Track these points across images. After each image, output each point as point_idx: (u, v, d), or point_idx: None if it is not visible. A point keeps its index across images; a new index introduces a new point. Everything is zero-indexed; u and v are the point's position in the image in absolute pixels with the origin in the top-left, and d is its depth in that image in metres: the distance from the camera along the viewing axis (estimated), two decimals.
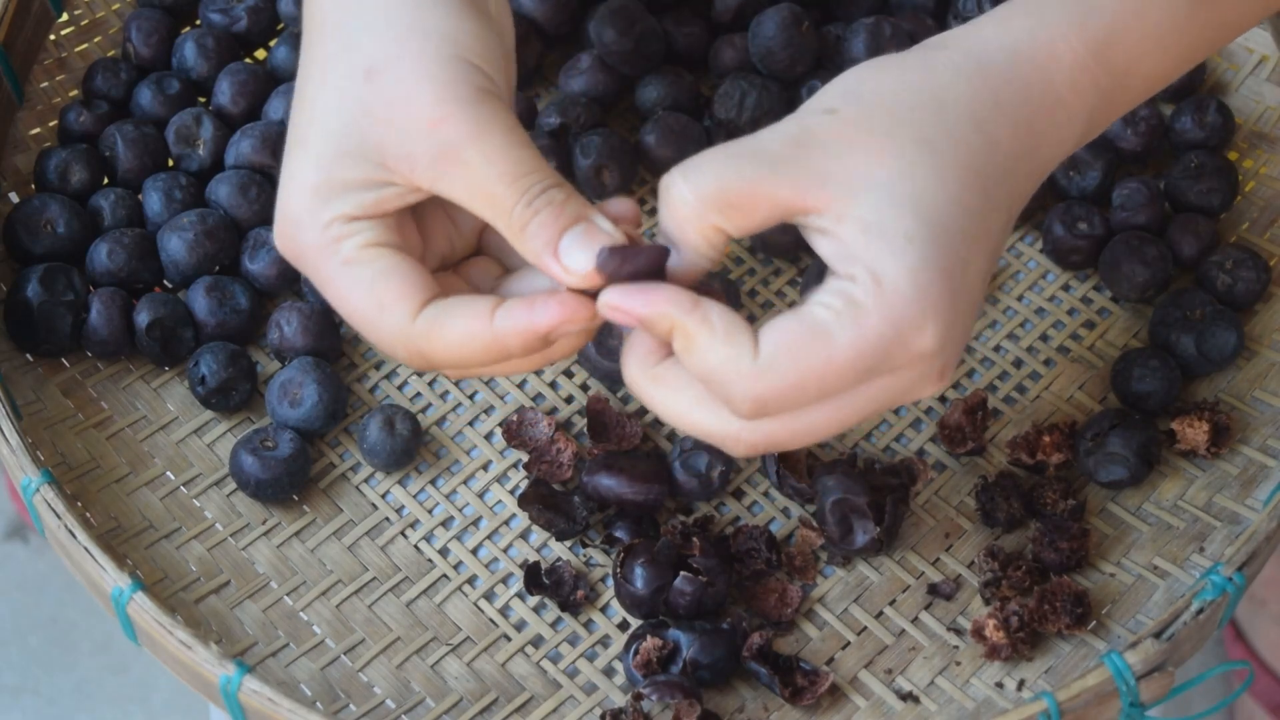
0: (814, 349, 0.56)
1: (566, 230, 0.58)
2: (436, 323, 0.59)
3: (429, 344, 0.59)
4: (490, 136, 0.58)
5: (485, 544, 0.75)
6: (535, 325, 0.58)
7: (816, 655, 0.71)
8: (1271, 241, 0.83)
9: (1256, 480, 0.74)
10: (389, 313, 0.59)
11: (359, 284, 0.59)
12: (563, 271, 0.58)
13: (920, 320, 0.56)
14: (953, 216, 0.56)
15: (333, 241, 0.60)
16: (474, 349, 0.58)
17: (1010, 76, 0.59)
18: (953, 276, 0.56)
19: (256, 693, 0.65)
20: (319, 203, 0.60)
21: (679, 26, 0.88)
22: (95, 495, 0.75)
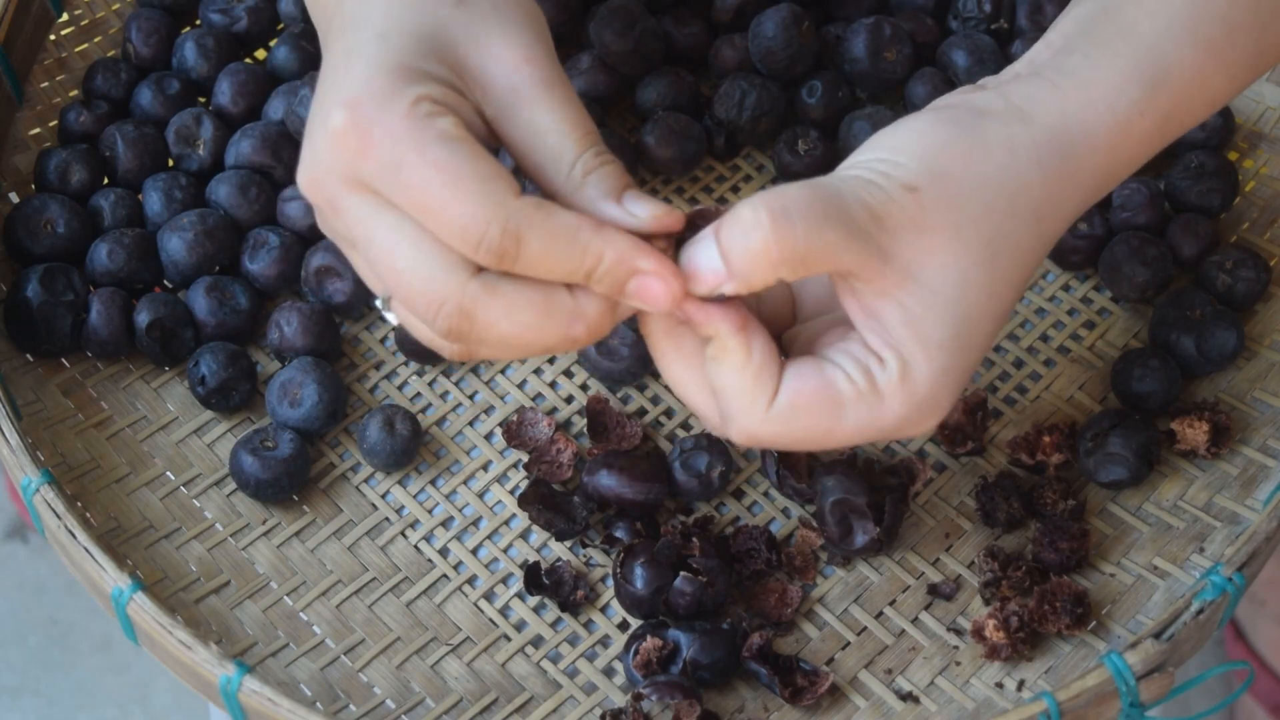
0: (824, 418, 0.59)
1: (629, 188, 0.58)
2: (543, 208, 0.56)
3: (532, 225, 0.55)
4: (565, 90, 0.59)
5: (485, 544, 0.75)
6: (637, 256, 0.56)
7: (816, 655, 0.71)
8: (1271, 241, 0.83)
9: (1256, 480, 0.74)
10: (497, 184, 0.55)
11: (464, 154, 0.55)
12: (625, 214, 0.57)
13: (927, 418, 0.59)
14: (986, 323, 0.59)
15: (427, 115, 0.56)
16: (574, 246, 0.56)
17: (1084, 169, 0.61)
18: (966, 375, 0.60)
19: (256, 693, 0.65)
20: (406, 80, 0.56)
21: (679, 26, 0.88)
22: (95, 495, 0.75)
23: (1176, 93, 0.61)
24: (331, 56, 0.60)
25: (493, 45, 0.59)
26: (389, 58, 0.57)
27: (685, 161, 0.85)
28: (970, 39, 0.86)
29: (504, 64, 0.59)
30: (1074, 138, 0.60)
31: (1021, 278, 0.60)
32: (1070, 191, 0.60)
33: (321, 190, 0.58)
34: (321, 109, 0.57)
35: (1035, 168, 0.59)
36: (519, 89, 0.59)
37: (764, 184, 0.86)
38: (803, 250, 0.56)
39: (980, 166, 0.59)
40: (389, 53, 0.57)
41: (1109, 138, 0.60)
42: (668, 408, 0.78)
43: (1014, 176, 0.59)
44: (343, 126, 0.56)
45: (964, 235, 0.58)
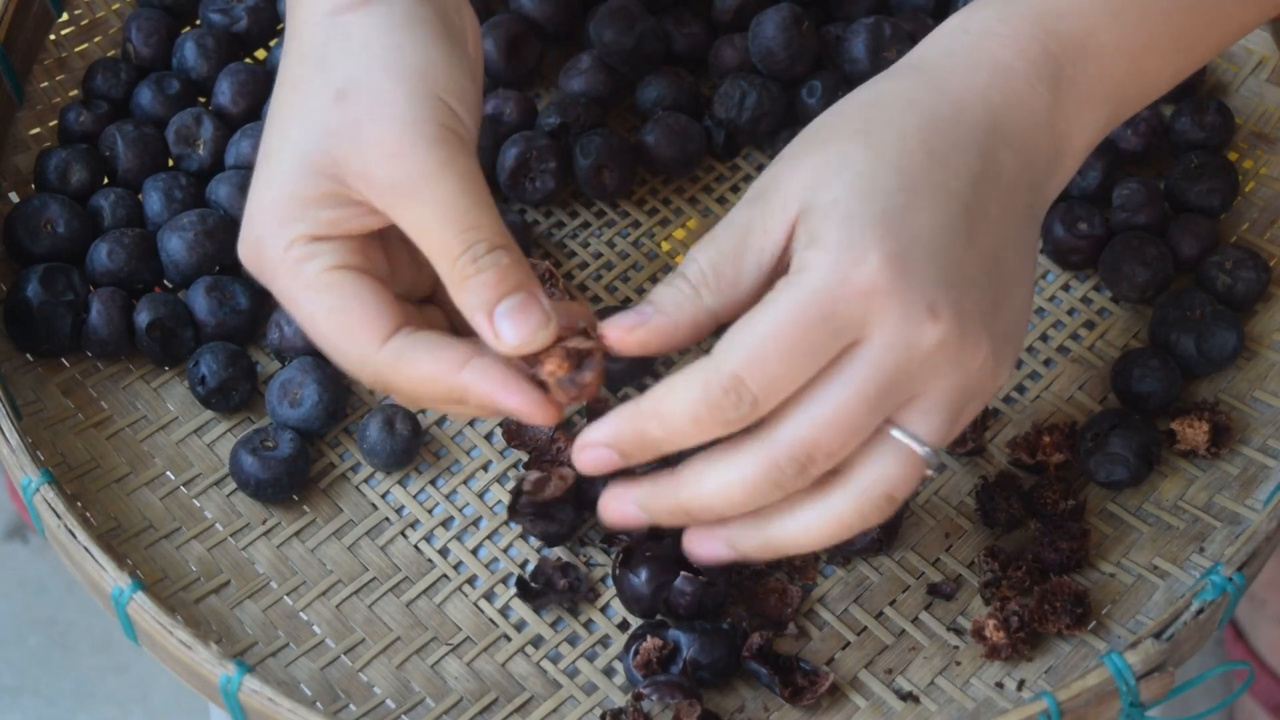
0: (758, 318, 0.56)
1: (506, 296, 0.59)
2: (404, 357, 0.60)
3: (394, 375, 0.60)
4: (446, 180, 0.59)
5: (485, 544, 0.75)
6: (499, 402, 0.59)
7: (816, 655, 0.71)
8: (1271, 241, 0.83)
9: (1256, 480, 0.74)
10: (354, 340, 0.60)
11: (322, 310, 0.60)
12: (493, 336, 0.59)
13: (856, 256, 0.56)
14: (884, 174, 0.57)
15: (295, 263, 0.60)
16: (435, 392, 0.60)
17: (948, 65, 0.61)
18: (888, 218, 0.56)
19: (256, 693, 0.65)
20: (281, 221, 0.60)
21: (679, 26, 0.88)
22: (95, 495, 0.75)
23: None
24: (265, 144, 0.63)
25: (369, 143, 0.59)
26: (274, 191, 0.60)
27: (685, 161, 0.85)
28: None
29: (378, 160, 0.59)
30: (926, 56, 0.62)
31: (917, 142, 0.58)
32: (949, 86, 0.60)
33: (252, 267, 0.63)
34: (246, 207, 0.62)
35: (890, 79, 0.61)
36: (397, 184, 0.59)
37: None
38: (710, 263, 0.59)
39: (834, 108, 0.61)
40: (276, 183, 0.61)
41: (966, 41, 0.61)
42: None
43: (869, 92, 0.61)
44: (243, 255, 0.62)
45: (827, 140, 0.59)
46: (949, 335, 0.56)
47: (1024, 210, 0.61)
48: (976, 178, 0.58)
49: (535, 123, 0.85)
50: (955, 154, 0.58)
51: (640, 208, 0.86)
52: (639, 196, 0.86)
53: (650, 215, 0.85)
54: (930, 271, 0.56)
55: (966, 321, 0.57)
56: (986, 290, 0.58)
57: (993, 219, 0.59)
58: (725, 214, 0.60)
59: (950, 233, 0.57)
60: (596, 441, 0.59)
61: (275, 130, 0.62)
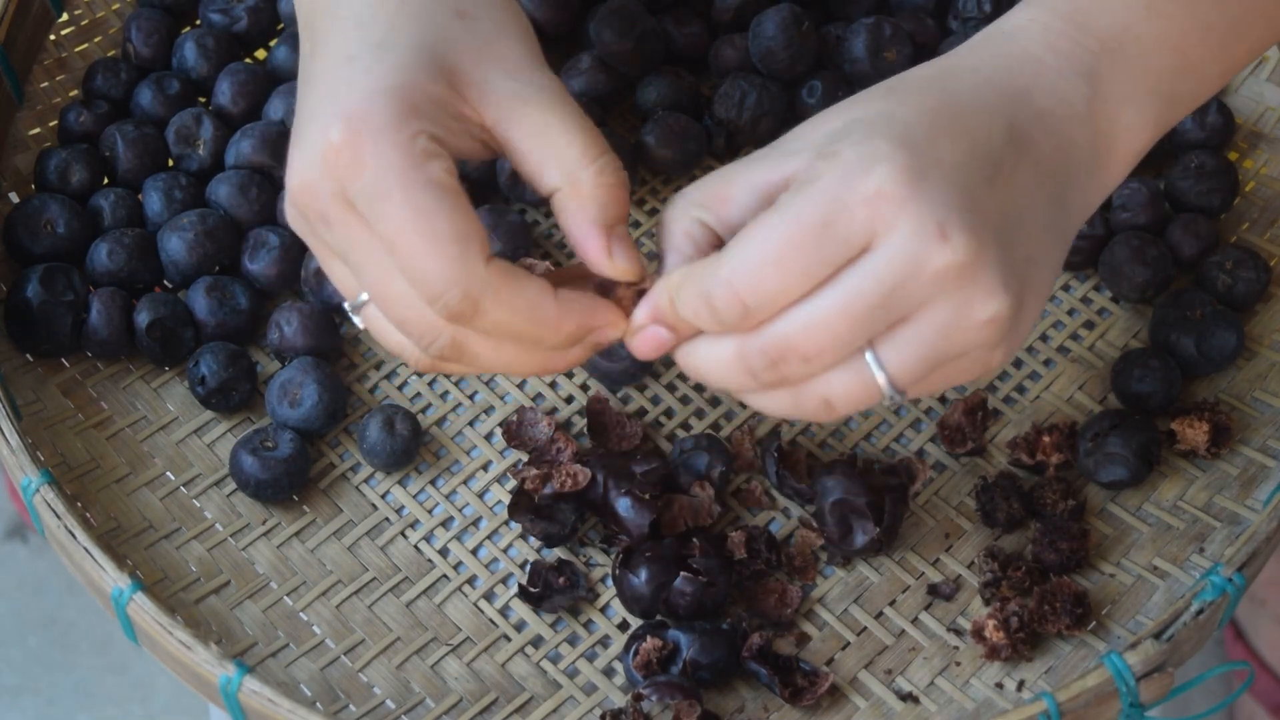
0: (764, 221, 0.55)
1: (618, 223, 0.59)
2: (509, 279, 0.57)
3: (493, 295, 0.56)
4: (572, 103, 0.60)
5: (485, 544, 0.75)
6: (594, 318, 0.59)
7: (816, 655, 0.71)
8: (1271, 241, 0.83)
9: (1256, 480, 0.74)
10: (469, 247, 0.56)
11: (446, 207, 0.56)
12: (605, 254, 0.59)
13: (868, 164, 0.54)
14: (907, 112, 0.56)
15: (423, 155, 0.56)
16: (531, 321, 0.58)
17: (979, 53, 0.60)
18: (909, 138, 0.55)
19: (256, 693, 0.65)
20: (409, 109, 0.57)
21: (679, 26, 0.88)
22: (95, 495, 0.75)
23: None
24: (325, 59, 0.59)
25: (496, 54, 0.60)
26: (392, 77, 0.57)
27: (685, 161, 0.85)
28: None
29: (508, 71, 0.59)
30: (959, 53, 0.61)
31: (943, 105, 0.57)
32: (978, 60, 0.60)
33: (313, 202, 0.58)
34: (318, 117, 0.57)
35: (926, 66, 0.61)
36: (523, 93, 0.59)
37: None
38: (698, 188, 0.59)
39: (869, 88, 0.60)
40: (392, 70, 0.57)
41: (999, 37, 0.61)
42: (668, 408, 0.78)
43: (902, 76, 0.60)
44: (339, 142, 0.56)
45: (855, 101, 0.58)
46: (958, 261, 0.54)
47: (1054, 194, 0.58)
48: (1004, 138, 0.57)
49: None
50: (983, 113, 0.57)
51: (640, 208, 0.86)
52: (639, 196, 0.86)
53: (650, 215, 0.85)
54: (946, 192, 0.54)
55: (982, 255, 0.54)
56: (1010, 246, 0.56)
57: (1018, 181, 0.57)
58: None
59: (971, 169, 0.55)
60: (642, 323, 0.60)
61: (387, 23, 0.59)
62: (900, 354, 0.56)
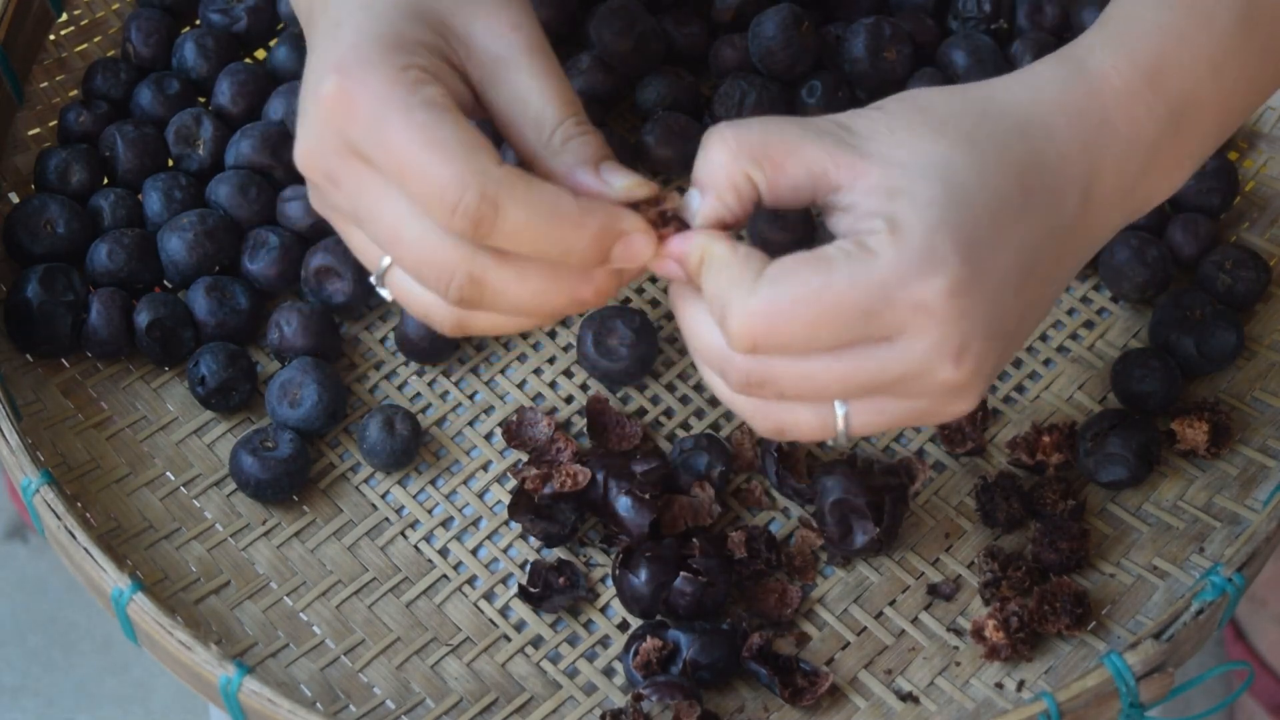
0: (813, 275, 0.55)
1: (606, 159, 0.59)
2: (524, 178, 0.56)
3: (512, 194, 0.55)
4: (550, 59, 0.60)
5: (485, 544, 0.75)
6: (618, 221, 0.57)
7: (816, 655, 0.71)
8: (1271, 241, 0.83)
9: (1256, 480, 0.74)
10: (478, 152, 0.55)
11: (446, 120, 0.55)
12: (600, 183, 0.58)
13: (926, 268, 0.55)
14: (982, 197, 0.56)
15: (414, 82, 0.56)
16: (554, 218, 0.56)
17: (1062, 102, 0.59)
18: (972, 246, 0.55)
19: (256, 693, 0.65)
20: (394, 47, 0.57)
21: (679, 26, 0.88)
22: (95, 495, 0.75)
23: (1151, 47, 0.60)
24: (318, 32, 0.59)
25: (480, 12, 0.59)
26: (376, 27, 0.57)
27: (685, 161, 0.85)
28: (970, 39, 0.86)
29: (491, 30, 0.59)
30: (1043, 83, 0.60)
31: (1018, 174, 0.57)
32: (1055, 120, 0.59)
33: (318, 162, 0.58)
34: (312, 79, 0.58)
35: (1006, 93, 0.59)
36: (504, 55, 0.59)
37: None
38: (759, 138, 0.57)
39: (948, 93, 0.59)
40: (376, 22, 0.58)
41: (1084, 83, 0.59)
42: (667, 408, 0.78)
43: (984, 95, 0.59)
44: (332, 91, 0.56)
45: (937, 129, 0.57)
46: (960, 382, 0.56)
47: (1075, 267, 0.61)
48: (1052, 231, 0.58)
49: None
50: (1044, 201, 0.58)
51: None
52: None
53: None
54: (980, 314, 0.56)
55: (980, 373, 0.57)
56: (1009, 340, 0.58)
57: (1044, 274, 0.58)
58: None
59: (1010, 281, 0.57)
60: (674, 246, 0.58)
61: None
62: (869, 417, 0.58)
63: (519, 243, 0.56)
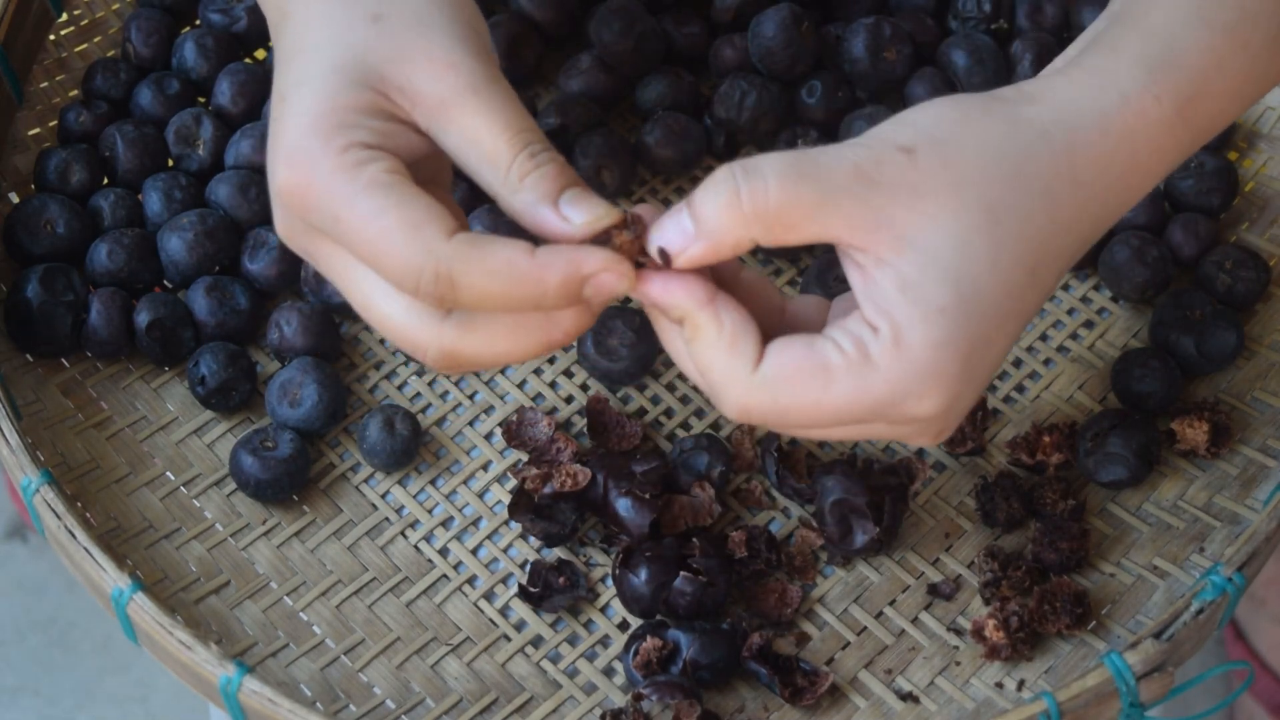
0: (812, 385, 0.56)
1: (566, 189, 0.57)
2: (476, 247, 0.55)
3: (465, 267, 0.55)
4: (495, 91, 0.58)
5: (485, 544, 0.75)
6: (580, 265, 0.56)
7: (816, 655, 0.71)
8: (1271, 241, 0.83)
9: (1256, 480, 0.74)
10: (423, 231, 0.55)
11: (390, 203, 0.56)
12: (561, 221, 0.57)
13: (925, 391, 0.56)
14: (992, 296, 0.56)
15: (354, 165, 0.56)
16: (512, 281, 0.55)
17: (1097, 151, 0.58)
18: (973, 355, 0.56)
19: (256, 693, 0.65)
20: (333, 128, 0.57)
21: (679, 26, 0.88)
22: (95, 495, 0.75)
23: (1192, 75, 0.59)
24: (274, 95, 0.60)
25: (414, 58, 0.58)
26: (316, 104, 0.58)
27: (685, 161, 0.85)
28: (970, 39, 0.86)
29: (427, 75, 0.58)
30: (1082, 115, 0.58)
31: (1033, 258, 0.57)
32: (1086, 174, 0.58)
33: (293, 242, 0.60)
34: (270, 165, 0.59)
35: (1041, 139, 0.57)
36: (445, 98, 0.58)
37: None
38: (775, 204, 0.55)
39: (982, 133, 0.57)
40: (315, 98, 0.58)
41: (1122, 119, 0.58)
42: (668, 408, 0.78)
43: (1018, 146, 0.57)
44: (283, 185, 0.57)
45: (964, 195, 0.56)
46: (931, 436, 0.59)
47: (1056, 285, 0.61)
48: (1049, 289, 0.59)
49: None
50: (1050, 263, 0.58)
51: None
52: (639, 196, 0.86)
53: None
54: (967, 406, 0.58)
55: (951, 423, 0.59)
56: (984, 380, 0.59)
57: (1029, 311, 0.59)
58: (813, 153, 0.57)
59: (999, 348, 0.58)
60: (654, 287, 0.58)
61: (304, 56, 0.59)
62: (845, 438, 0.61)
63: (486, 306, 0.56)
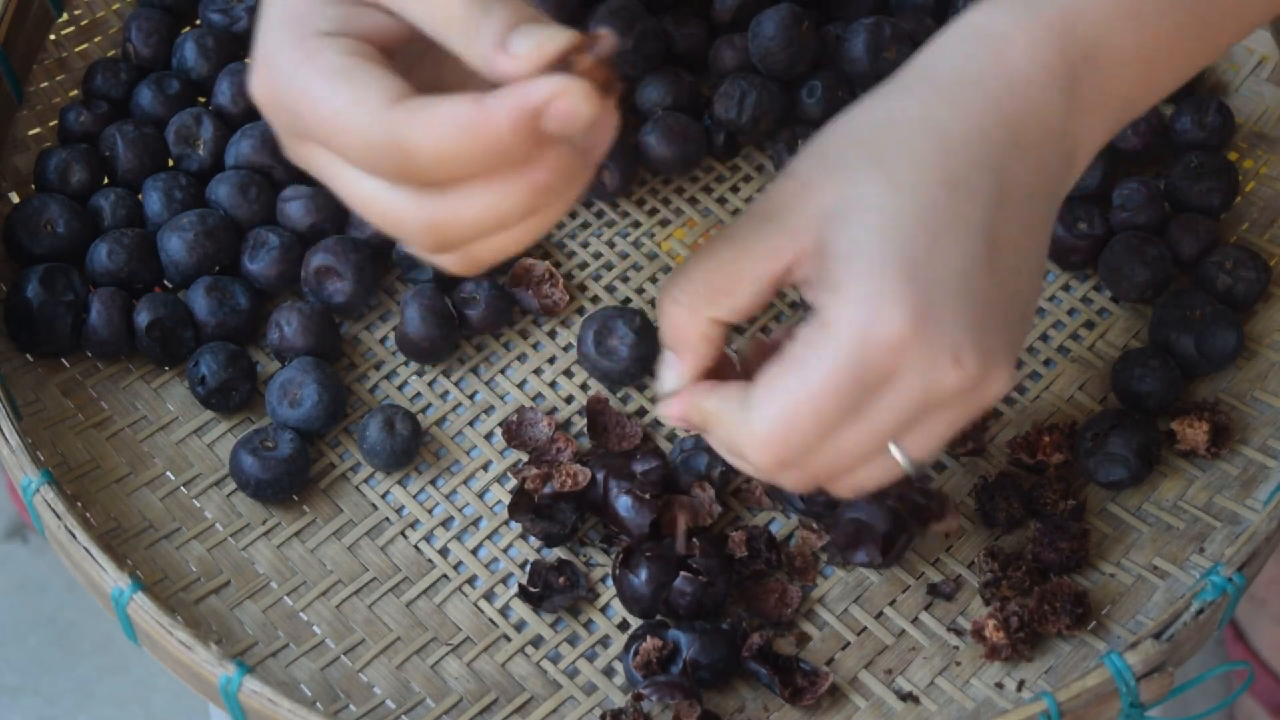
0: (790, 379, 0.56)
1: (517, 26, 0.54)
2: (421, 108, 0.53)
3: (411, 130, 0.53)
4: None
5: (485, 544, 0.75)
6: (528, 98, 0.53)
7: (816, 655, 0.71)
8: (1271, 241, 0.83)
9: (1256, 480, 0.74)
10: (368, 101, 0.53)
11: (340, 82, 0.54)
12: (509, 58, 0.54)
13: (879, 312, 0.55)
14: (905, 216, 0.56)
15: (310, 53, 0.55)
16: (462, 132, 0.52)
17: (962, 72, 0.59)
18: (913, 266, 0.56)
19: (256, 693, 0.65)
20: (293, 25, 0.56)
21: (679, 26, 0.88)
22: (95, 495, 0.75)
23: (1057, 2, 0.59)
24: None
25: None
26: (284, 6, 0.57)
27: (685, 161, 0.85)
28: None
29: None
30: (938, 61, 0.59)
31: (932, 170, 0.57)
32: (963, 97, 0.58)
33: (291, 154, 0.59)
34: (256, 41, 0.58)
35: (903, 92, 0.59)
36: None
37: (764, 184, 0.86)
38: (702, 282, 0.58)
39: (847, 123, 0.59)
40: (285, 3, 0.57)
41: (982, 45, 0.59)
42: None
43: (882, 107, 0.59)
44: (256, 93, 0.57)
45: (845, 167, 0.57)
46: (970, 377, 0.57)
47: (1040, 220, 0.60)
48: (995, 200, 0.58)
49: None
50: (973, 177, 0.58)
51: (640, 208, 0.86)
52: (639, 196, 0.86)
53: (650, 215, 0.85)
54: (955, 317, 0.56)
55: (991, 360, 0.57)
56: (1008, 313, 0.58)
57: (1012, 238, 0.58)
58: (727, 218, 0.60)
59: (973, 268, 0.57)
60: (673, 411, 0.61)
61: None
62: (920, 443, 0.59)
63: (450, 170, 0.54)
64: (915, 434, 0.59)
